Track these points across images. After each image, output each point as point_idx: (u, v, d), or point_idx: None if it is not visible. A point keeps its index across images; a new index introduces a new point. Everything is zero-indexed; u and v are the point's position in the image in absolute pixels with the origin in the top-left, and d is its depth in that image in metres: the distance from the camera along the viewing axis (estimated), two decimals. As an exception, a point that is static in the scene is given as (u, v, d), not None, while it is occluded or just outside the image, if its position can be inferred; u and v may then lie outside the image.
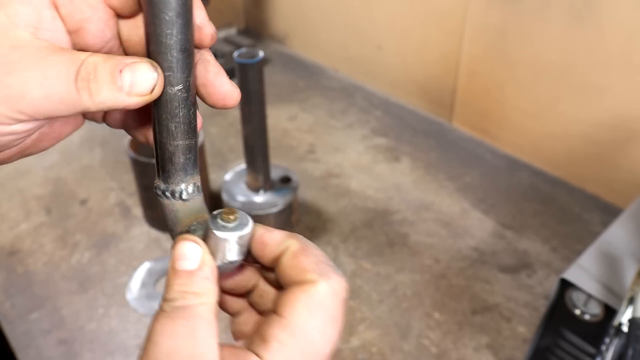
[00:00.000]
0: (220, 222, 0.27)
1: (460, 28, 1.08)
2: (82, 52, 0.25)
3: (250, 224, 0.28)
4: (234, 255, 0.28)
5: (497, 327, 0.76)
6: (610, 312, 0.54)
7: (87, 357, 0.72)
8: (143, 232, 0.92)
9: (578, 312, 0.57)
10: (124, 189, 1.03)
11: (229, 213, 0.27)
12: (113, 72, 0.24)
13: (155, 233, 0.92)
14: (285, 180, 0.90)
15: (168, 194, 0.29)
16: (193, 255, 0.26)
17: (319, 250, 0.28)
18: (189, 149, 0.28)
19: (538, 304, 0.79)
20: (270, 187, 0.88)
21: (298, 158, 1.11)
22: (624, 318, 0.49)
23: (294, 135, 1.19)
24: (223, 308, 0.31)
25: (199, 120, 0.28)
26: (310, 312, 0.26)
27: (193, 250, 0.26)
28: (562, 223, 0.94)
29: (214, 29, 0.28)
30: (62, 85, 0.24)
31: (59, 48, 0.26)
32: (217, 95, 0.29)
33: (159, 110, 0.27)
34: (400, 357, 0.72)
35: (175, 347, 0.24)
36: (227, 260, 0.28)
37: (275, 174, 0.90)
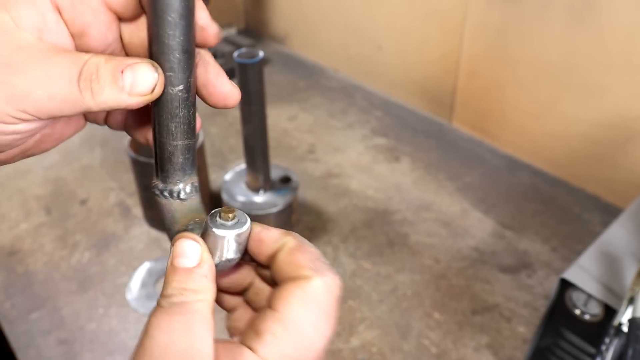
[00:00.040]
0: (219, 220, 0.28)
1: (460, 28, 1.08)
2: (84, 53, 0.26)
3: (248, 222, 0.28)
4: (232, 253, 0.28)
5: (497, 327, 0.76)
6: (610, 312, 0.54)
7: (87, 357, 0.73)
8: (143, 232, 0.93)
9: (578, 312, 0.57)
10: (124, 189, 1.03)
11: (228, 212, 0.28)
12: (114, 72, 0.25)
13: (155, 233, 0.92)
14: (285, 180, 0.90)
15: (166, 194, 0.29)
16: (192, 253, 0.27)
17: (315, 249, 0.28)
18: (188, 149, 0.28)
19: (538, 304, 0.79)
20: (270, 187, 0.88)
21: (298, 158, 1.11)
22: (624, 318, 0.49)
23: (294, 135, 1.19)
24: (219, 304, 0.31)
25: (198, 121, 0.29)
26: (304, 306, 0.26)
27: (192, 248, 0.27)
28: (562, 223, 0.94)
29: (218, 29, 0.28)
30: (64, 85, 0.25)
31: (62, 49, 0.26)
32: (218, 96, 0.29)
33: (160, 110, 0.27)
34: (400, 357, 0.72)
35: (172, 341, 0.24)
36: (225, 258, 0.28)
37: (275, 174, 0.90)
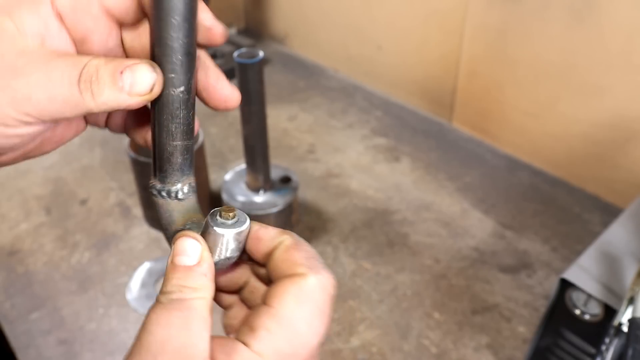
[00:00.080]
0: (220, 219, 0.28)
1: (460, 28, 1.08)
2: (84, 55, 0.27)
3: (248, 222, 0.29)
4: (232, 252, 0.29)
5: (497, 327, 0.76)
6: (610, 312, 0.54)
7: (87, 357, 0.73)
8: (143, 232, 0.93)
9: (578, 312, 0.57)
10: (124, 189, 1.03)
11: (228, 211, 0.28)
12: (114, 73, 0.25)
13: (155, 233, 0.92)
14: (285, 180, 0.90)
15: (164, 194, 0.30)
16: (192, 252, 0.27)
17: (311, 248, 0.29)
18: (187, 150, 0.29)
19: (538, 304, 0.79)
20: (270, 187, 0.88)
21: (298, 158, 1.11)
22: (624, 318, 0.49)
23: (294, 135, 1.19)
24: (216, 301, 0.32)
25: (196, 123, 0.30)
26: (299, 303, 0.26)
27: (193, 247, 0.27)
28: (562, 223, 0.94)
29: (224, 28, 0.29)
30: (65, 88, 0.25)
31: (63, 53, 0.27)
32: (219, 99, 0.30)
33: (160, 111, 0.27)
34: (400, 357, 0.72)
35: (169, 336, 0.25)
36: (224, 257, 0.28)
37: (275, 174, 0.90)
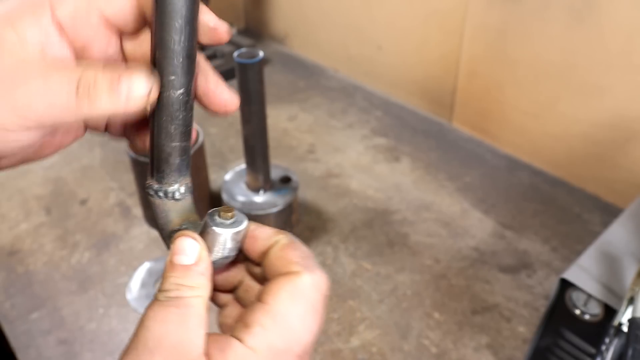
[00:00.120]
0: (218, 219, 0.29)
1: (460, 28, 1.08)
2: (83, 62, 0.28)
3: (246, 222, 0.29)
4: (229, 251, 0.29)
5: (497, 327, 0.76)
6: (610, 312, 0.54)
7: (87, 357, 0.73)
8: (143, 232, 0.93)
9: (578, 312, 0.57)
10: (124, 189, 1.03)
11: (227, 211, 0.29)
12: (112, 81, 0.26)
13: (155, 233, 0.92)
14: (285, 180, 0.90)
15: (161, 194, 0.30)
16: (191, 251, 0.28)
17: (306, 248, 0.29)
18: (185, 151, 0.29)
19: (538, 304, 0.79)
20: (270, 187, 0.88)
21: (298, 158, 1.11)
22: (624, 318, 0.49)
23: (294, 135, 1.19)
24: (212, 300, 0.33)
25: (194, 125, 0.30)
26: (293, 300, 0.27)
27: (191, 246, 0.28)
28: (562, 223, 0.94)
29: (227, 26, 0.30)
30: (63, 95, 0.26)
31: (62, 61, 0.28)
32: (218, 103, 0.32)
33: (160, 113, 0.28)
34: (400, 357, 0.72)
35: (166, 331, 0.25)
36: (222, 256, 0.29)
37: (275, 174, 0.90)
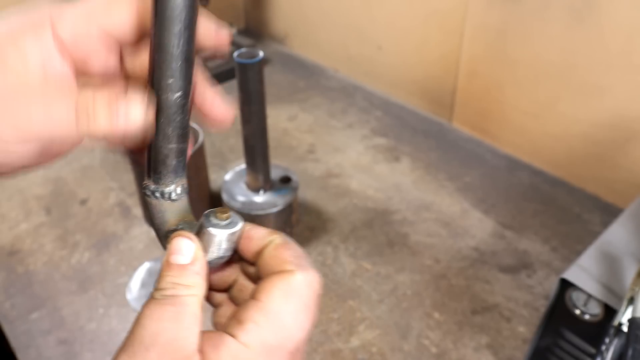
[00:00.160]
0: (214, 220, 0.29)
1: (460, 28, 1.08)
2: (83, 83, 0.28)
3: (241, 223, 0.30)
4: (224, 251, 0.30)
5: (497, 327, 0.76)
6: (610, 312, 0.54)
7: (87, 357, 0.73)
8: (143, 232, 0.93)
9: (578, 312, 0.57)
10: (124, 189, 1.03)
11: (223, 212, 0.29)
12: (110, 104, 0.27)
13: (155, 233, 0.92)
14: (285, 180, 0.90)
15: (158, 195, 0.31)
16: (187, 251, 0.28)
17: (300, 248, 0.30)
18: (181, 153, 0.30)
19: (538, 304, 0.79)
20: (270, 187, 0.88)
21: (298, 158, 1.11)
22: (624, 318, 0.49)
23: (294, 135, 1.19)
24: (207, 299, 0.33)
25: (194, 125, 0.31)
26: (286, 297, 0.27)
27: (187, 246, 0.29)
28: (562, 223, 0.94)
29: (227, 31, 0.31)
30: (62, 118, 0.27)
31: (62, 81, 0.28)
32: (214, 117, 0.32)
33: (158, 115, 0.28)
34: (400, 357, 0.72)
35: (161, 328, 0.26)
36: (217, 256, 0.30)
37: (275, 174, 0.90)
